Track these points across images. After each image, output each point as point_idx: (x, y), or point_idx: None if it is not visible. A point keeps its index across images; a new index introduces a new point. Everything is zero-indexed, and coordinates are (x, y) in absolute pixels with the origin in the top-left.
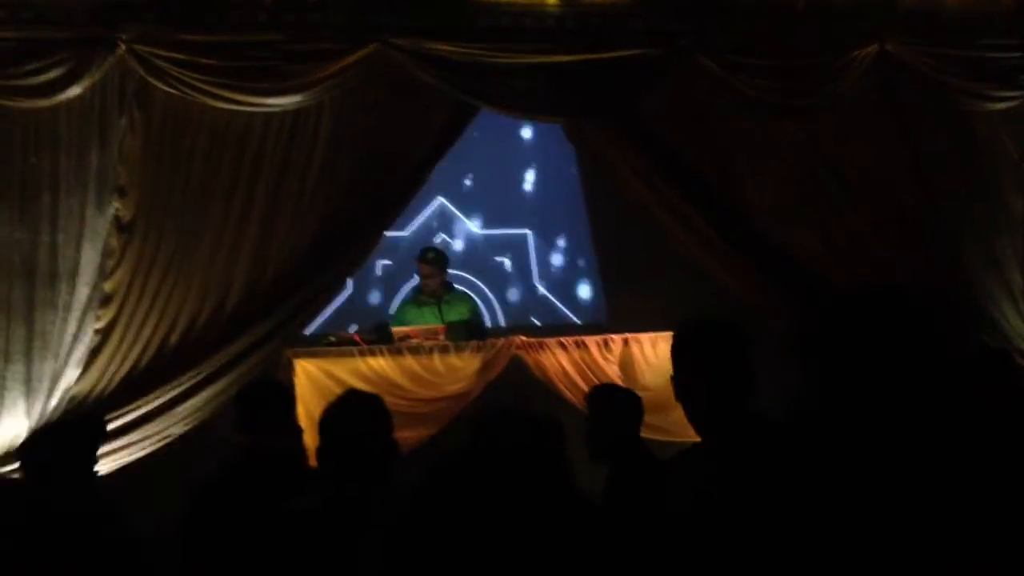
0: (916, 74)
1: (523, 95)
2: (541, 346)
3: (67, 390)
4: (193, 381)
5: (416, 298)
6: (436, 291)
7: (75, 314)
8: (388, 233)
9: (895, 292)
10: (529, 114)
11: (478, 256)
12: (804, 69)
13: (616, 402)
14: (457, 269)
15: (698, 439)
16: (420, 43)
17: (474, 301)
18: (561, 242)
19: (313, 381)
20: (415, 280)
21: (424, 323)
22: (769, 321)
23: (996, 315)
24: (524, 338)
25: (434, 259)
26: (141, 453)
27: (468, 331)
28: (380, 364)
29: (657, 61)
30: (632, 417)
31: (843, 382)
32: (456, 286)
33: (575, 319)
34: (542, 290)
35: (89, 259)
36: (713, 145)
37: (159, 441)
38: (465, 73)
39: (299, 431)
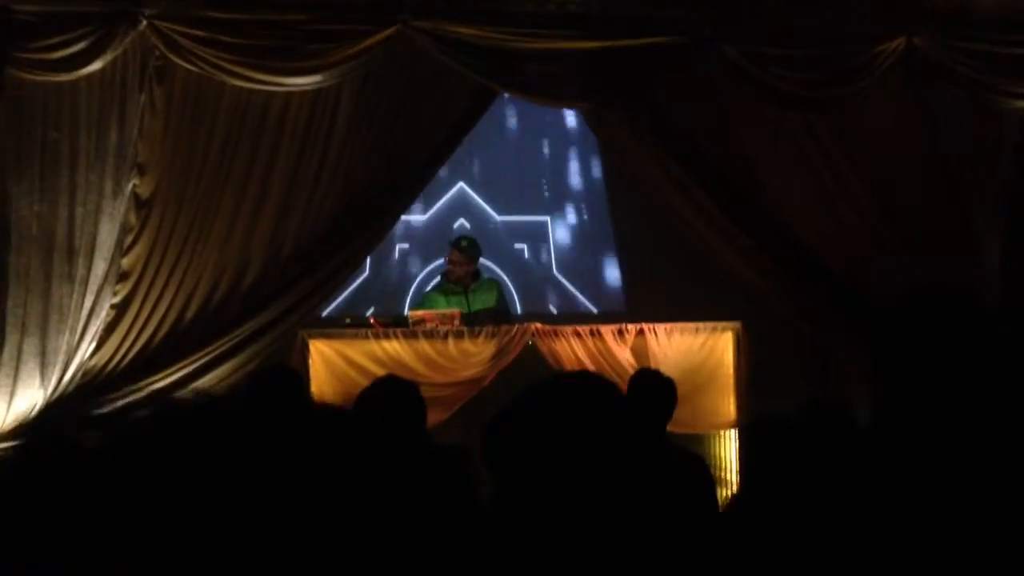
0: (943, 69)
1: (544, 80)
2: (556, 334)
3: (81, 364)
4: (207, 358)
5: (443, 286)
6: (463, 279)
7: (92, 289)
8: (406, 217)
9: (961, 292)
10: (550, 100)
11: (497, 243)
12: (829, 61)
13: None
14: None
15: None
16: (442, 26)
17: (501, 287)
18: (581, 230)
19: (327, 362)
20: (432, 264)
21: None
22: (787, 316)
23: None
24: (539, 325)
25: (467, 247)
26: None
27: (495, 319)
28: (395, 348)
29: (680, 50)
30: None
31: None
32: (484, 274)
33: (593, 308)
34: (560, 278)
35: (107, 234)
36: (734, 136)
37: None
38: (487, 57)
39: None
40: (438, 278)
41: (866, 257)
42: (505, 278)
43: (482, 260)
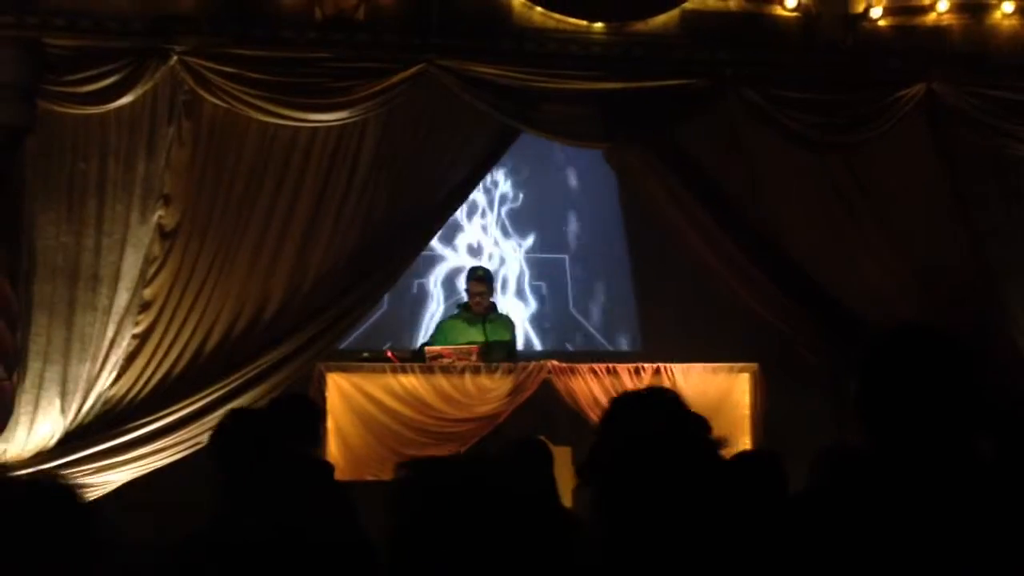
0: (962, 115)
1: (566, 120)
2: (572, 371)
3: (101, 393)
4: (226, 390)
5: (463, 315)
6: (484, 310)
7: (114, 318)
8: (426, 253)
9: (936, 334)
10: (571, 139)
11: (516, 279)
12: (849, 105)
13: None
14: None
15: None
16: (466, 65)
17: (514, 325)
18: (599, 268)
19: (344, 396)
20: (449, 298)
21: (469, 340)
22: (804, 354)
23: None
24: (556, 363)
25: (484, 276)
26: (171, 459)
27: (508, 353)
28: (411, 382)
29: (701, 91)
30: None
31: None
32: (499, 309)
33: (608, 346)
34: (577, 315)
35: (131, 264)
36: (753, 177)
37: (189, 447)
38: (509, 96)
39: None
40: (455, 308)
41: (883, 297)
42: (523, 314)
43: (500, 296)
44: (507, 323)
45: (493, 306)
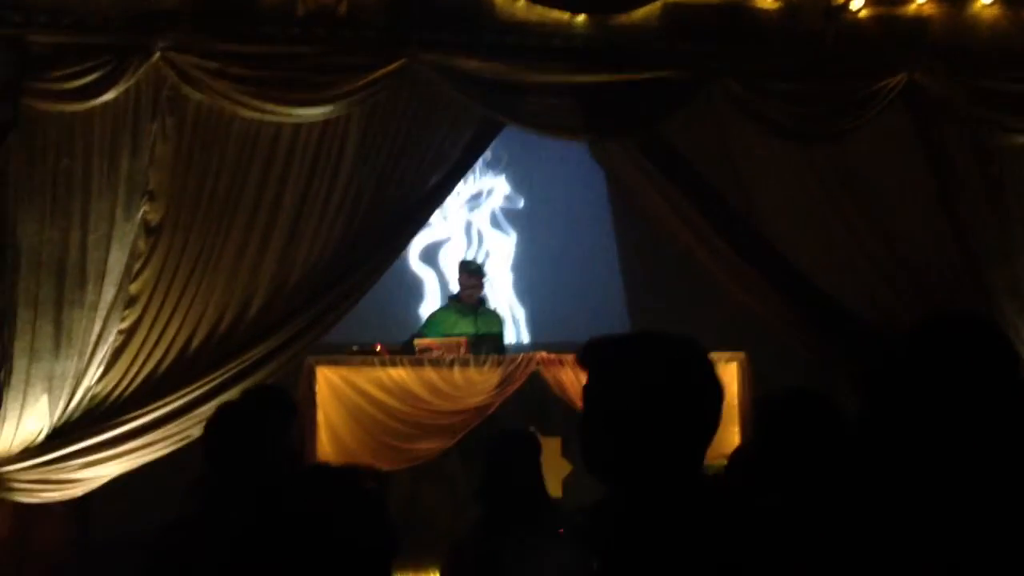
0: (943, 105)
1: (549, 113)
2: (561, 363)
3: (88, 389)
4: (213, 384)
5: (455, 306)
6: (475, 302)
7: (100, 314)
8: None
9: (981, 322)
10: (554, 132)
11: (504, 269)
12: (830, 96)
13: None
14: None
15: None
16: (448, 59)
17: (503, 320)
18: (588, 259)
19: (334, 389)
20: (441, 289)
21: (460, 331)
22: (792, 346)
23: (1019, 346)
24: (544, 354)
25: (476, 270)
26: (159, 453)
27: (497, 346)
28: (401, 375)
29: (684, 83)
30: None
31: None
32: (488, 304)
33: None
34: (565, 306)
35: (116, 260)
36: (736, 167)
37: (178, 442)
38: (492, 90)
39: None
40: (447, 301)
41: (867, 287)
42: (513, 305)
43: (494, 286)
44: (497, 317)
45: (484, 299)
